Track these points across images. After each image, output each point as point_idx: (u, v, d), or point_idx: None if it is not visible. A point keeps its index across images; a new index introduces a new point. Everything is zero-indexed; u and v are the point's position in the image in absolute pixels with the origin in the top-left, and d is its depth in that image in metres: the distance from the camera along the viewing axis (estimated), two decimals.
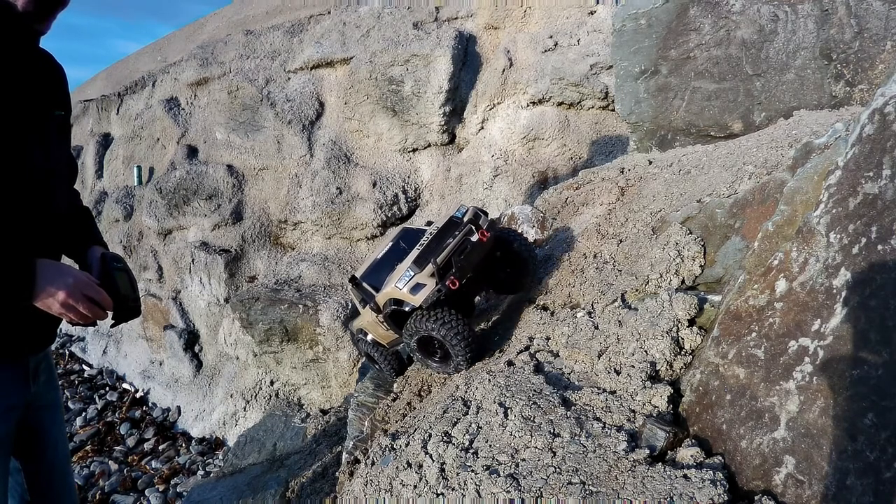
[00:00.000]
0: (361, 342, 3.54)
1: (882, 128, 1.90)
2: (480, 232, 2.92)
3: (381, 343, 3.37)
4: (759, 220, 2.48)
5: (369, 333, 3.40)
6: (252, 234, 8.33)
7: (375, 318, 3.03)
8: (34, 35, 1.75)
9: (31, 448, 1.98)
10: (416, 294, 2.75)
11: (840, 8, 3.36)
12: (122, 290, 1.89)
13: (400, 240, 3.16)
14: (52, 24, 1.77)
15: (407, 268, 2.79)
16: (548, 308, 3.23)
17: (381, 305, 2.92)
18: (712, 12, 3.84)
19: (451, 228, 2.95)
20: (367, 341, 3.47)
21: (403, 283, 2.77)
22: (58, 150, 1.87)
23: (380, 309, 2.94)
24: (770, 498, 1.73)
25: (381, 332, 3.21)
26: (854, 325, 1.72)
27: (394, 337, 3.18)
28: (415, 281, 2.77)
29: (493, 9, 7.16)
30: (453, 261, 2.82)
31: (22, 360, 1.85)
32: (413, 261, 2.79)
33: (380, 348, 3.42)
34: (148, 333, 9.70)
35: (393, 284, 2.81)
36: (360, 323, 3.45)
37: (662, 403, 2.15)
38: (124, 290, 1.90)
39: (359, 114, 7.74)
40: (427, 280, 2.76)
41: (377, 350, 3.43)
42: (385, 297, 2.88)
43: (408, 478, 2.14)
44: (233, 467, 5.62)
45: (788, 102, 3.60)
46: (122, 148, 10.94)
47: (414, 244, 3.06)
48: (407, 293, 2.76)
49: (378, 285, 2.98)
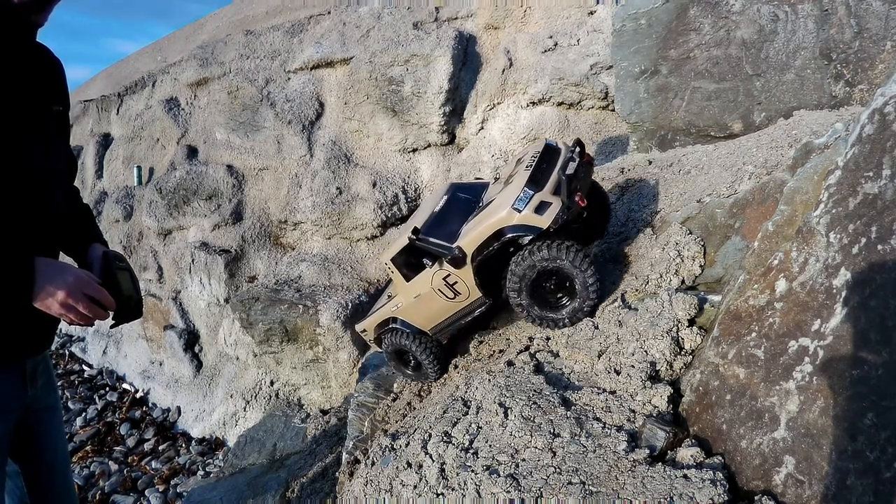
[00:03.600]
0: (390, 337, 3.15)
1: (882, 128, 1.89)
2: (586, 155, 2.71)
3: (424, 330, 3.01)
4: (759, 220, 2.48)
5: (406, 319, 3.02)
6: (252, 234, 8.33)
7: (441, 281, 2.69)
8: (31, 28, 1.71)
9: (30, 450, 1.96)
10: (542, 214, 2.42)
11: (840, 8, 3.36)
12: (124, 289, 1.83)
13: (456, 192, 2.91)
14: (48, 15, 1.72)
15: (522, 189, 2.47)
16: None
17: (469, 252, 2.57)
18: (712, 12, 3.84)
19: (552, 154, 2.71)
20: (401, 332, 3.06)
21: (523, 204, 2.44)
22: (57, 147, 1.83)
23: (463, 259, 2.58)
24: (770, 498, 1.73)
25: (435, 306, 2.84)
26: (854, 325, 1.72)
27: (458, 308, 2.79)
28: (538, 200, 2.45)
29: (493, 9, 7.16)
30: (573, 181, 2.51)
31: (19, 363, 1.82)
32: (526, 183, 2.50)
33: (420, 338, 3.04)
34: (148, 333, 9.70)
35: (504, 211, 2.44)
36: (390, 310, 3.06)
37: (662, 403, 2.15)
38: (126, 290, 1.84)
39: (359, 114, 7.74)
40: (551, 199, 2.47)
41: (416, 341, 3.04)
42: (478, 237, 2.50)
43: (408, 478, 2.14)
44: (233, 467, 5.62)
45: (788, 102, 3.60)
46: (122, 148, 10.94)
47: (474, 195, 2.81)
48: (531, 214, 2.42)
49: (451, 236, 2.65)
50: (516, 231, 2.47)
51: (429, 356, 3.09)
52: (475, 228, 2.58)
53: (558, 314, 2.61)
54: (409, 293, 2.94)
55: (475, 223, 2.61)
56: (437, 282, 2.75)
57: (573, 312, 2.59)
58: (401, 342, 3.12)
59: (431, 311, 2.91)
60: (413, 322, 3.04)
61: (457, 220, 2.74)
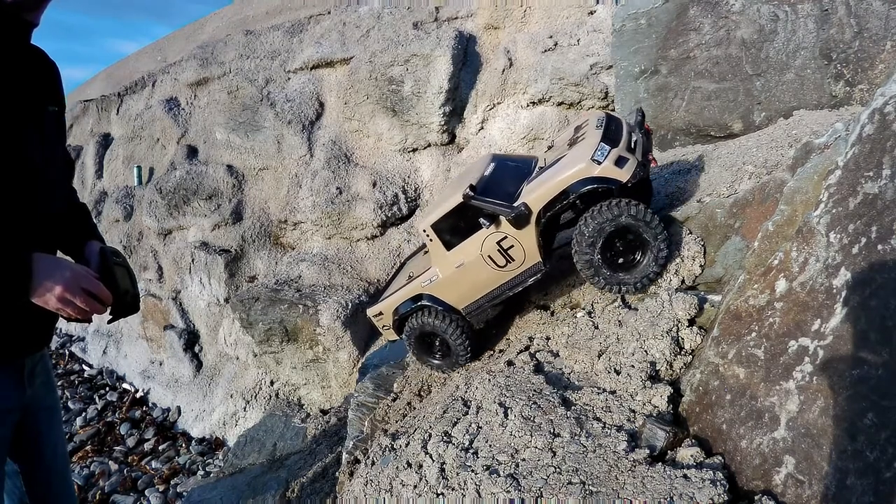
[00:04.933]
0: (416, 318, 2.95)
1: (882, 128, 1.89)
2: (646, 125, 2.74)
3: (456, 308, 2.85)
4: (759, 220, 2.48)
5: (439, 296, 2.83)
6: (252, 234, 8.33)
7: (493, 245, 2.58)
8: (25, 27, 1.70)
9: (29, 451, 1.96)
10: (622, 168, 2.42)
11: (840, 8, 3.36)
12: (121, 284, 1.84)
13: (502, 160, 2.82)
14: (41, 15, 1.71)
15: (598, 144, 2.47)
16: (548, 308, 3.23)
17: (536, 209, 2.49)
18: (712, 12, 3.84)
19: (615, 121, 2.70)
20: (432, 310, 2.86)
21: (603, 156, 2.43)
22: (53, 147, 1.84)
23: (528, 217, 2.50)
24: (770, 498, 1.73)
25: (481, 277, 2.70)
26: (854, 325, 1.72)
27: (508, 278, 2.65)
28: (616, 154, 2.45)
29: (493, 9, 7.16)
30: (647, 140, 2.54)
31: (17, 362, 1.82)
32: (601, 139, 2.50)
33: (452, 317, 2.87)
34: (148, 333, 9.70)
35: (582, 163, 2.41)
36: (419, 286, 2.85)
37: (662, 403, 2.15)
38: (123, 285, 1.85)
39: (359, 114, 7.74)
40: (627, 154, 2.48)
41: (448, 320, 2.87)
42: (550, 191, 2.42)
43: (408, 478, 2.14)
44: (233, 467, 5.62)
45: (788, 102, 3.60)
46: (122, 148, 10.94)
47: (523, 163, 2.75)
48: (611, 166, 2.41)
49: (509, 197, 2.56)
50: (596, 183, 2.42)
51: (461, 337, 2.90)
52: (545, 184, 2.50)
53: (629, 276, 2.54)
54: (450, 263, 2.76)
55: (544, 179, 2.53)
56: (489, 247, 2.62)
57: (641, 275, 2.53)
58: (431, 323, 2.91)
59: (475, 283, 2.75)
60: (446, 299, 2.86)
61: (512, 183, 2.65)
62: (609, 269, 2.55)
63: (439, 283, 2.82)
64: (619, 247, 2.52)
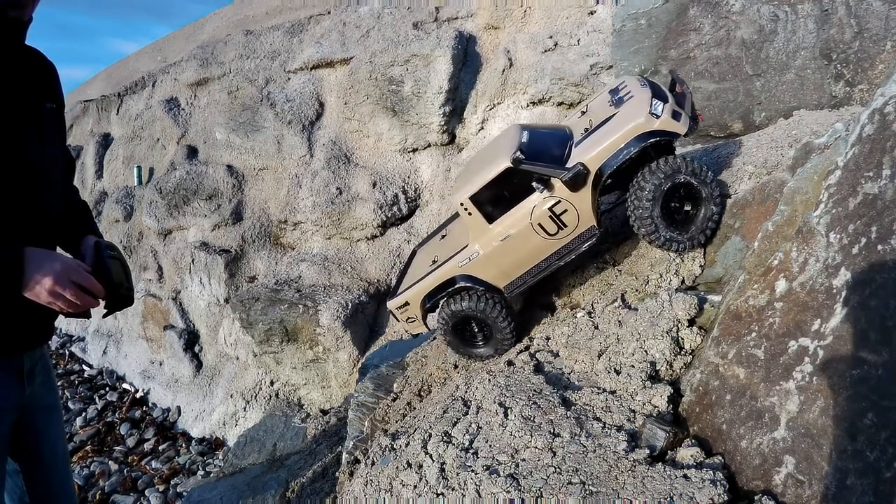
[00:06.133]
0: (453, 303, 2.75)
1: (882, 128, 1.90)
2: (678, 88, 2.73)
3: (497, 287, 2.69)
4: (759, 220, 2.48)
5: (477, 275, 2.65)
6: (252, 234, 8.33)
7: (545, 212, 2.47)
8: (16, 25, 1.69)
9: (28, 450, 1.96)
10: (678, 120, 2.43)
11: (840, 8, 3.36)
12: (115, 277, 1.83)
13: (532, 128, 2.74)
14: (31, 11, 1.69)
15: (651, 99, 2.45)
16: (548, 308, 3.23)
17: (594, 168, 2.41)
18: (712, 12, 3.84)
19: (653, 82, 2.70)
20: (472, 292, 2.67)
21: (659, 109, 2.42)
22: (52, 145, 1.84)
23: (586, 177, 2.41)
24: (770, 498, 1.73)
25: (530, 247, 2.55)
26: (854, 325, 1.72)
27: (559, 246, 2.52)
28: (671, 108, 2.44)
29: (493, 9, 7.16)
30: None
31: (15, 360, 1.82)
32: (652, 95, 2.48)
33: (495, 297, 2.71)
34: (148, 333, 9.70)
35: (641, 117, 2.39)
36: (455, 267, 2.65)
37: (662, 403, 2.15)
38: (117, 278, 1.85)
39: (359, 114, 7.74)
40: (679, 109, 2.49)
41: (491, 302, 2.70)
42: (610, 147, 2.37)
43: (408, 478, 2.14)
44: (233, 467, 5.62)
45: (788, 102, 3.60)
46: (122, 148, 10.94)
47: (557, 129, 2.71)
48: (669, 119, 2.40)
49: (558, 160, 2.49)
50: (656, 137, 2.40)
51: (506, 319, 2.73)
52: (601, 141, 2.44)
53: (684, 234, 2.51)
54: (493, 237, 2.60)
55: (599, 137, 2.47)
56: (540, 213, 2.50)
57: (698, 232, 2.51)
58: (474, 306, 2.72)
59: (522, 256, 2.61)
60: (486, 278, 2.68)
61: (555, 147, 2.57)
62: (667, 227, 2.51)
63: (479, 261, 2.64)
64: (675, 205, 2.50)
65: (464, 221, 2.72)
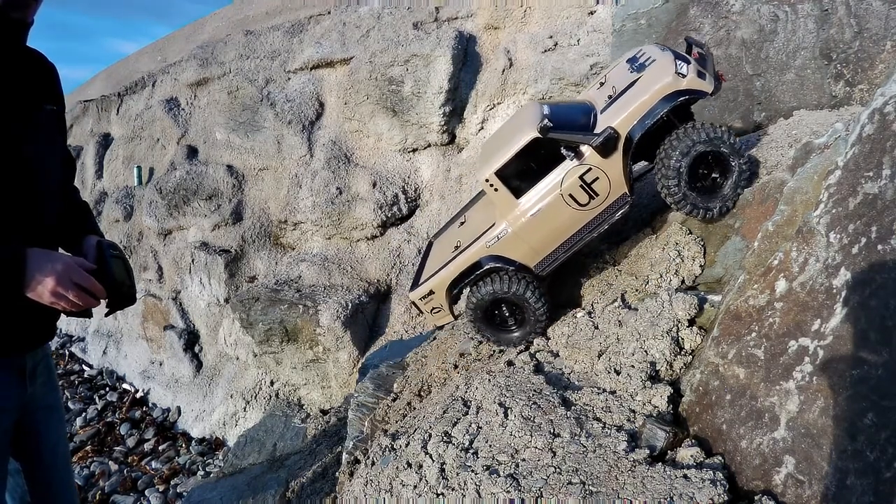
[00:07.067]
0: (484, 287, 2.64)
1: (882, 128, 1.90)
2: (694, 52, 2.72)
3: (528, 266, 2.59)
4: (759, 220, 2.48)
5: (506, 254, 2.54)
6: (252, 234, 8.33)
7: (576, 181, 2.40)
8: (17, 26, 1.70)
9: (29, 449, 1.96)
10: (704, 79, 2.43)
11: (840, 8, 3.36)
12: (117, 276, 1.84)
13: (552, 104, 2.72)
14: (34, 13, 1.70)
15: (675, 60, 2.45)
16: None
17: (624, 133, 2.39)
18: (712, 12, 3.84)
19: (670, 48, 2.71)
20: (503, 274, 2.58)
21: (685, 68, 2.42)
22: (52, 146, 1.84)
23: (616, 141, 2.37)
24: (770, 498, 1.73)
25: (561, 219, 2.47)
26: (854, 325, 1.72)
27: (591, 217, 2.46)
28: (695, 67, 2.44)
29: (493, 9, 7.16)
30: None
31: (17, 360, 1.82)
32: (675, 56, 2.48)
33: (527, 277, 2.60)
34: (148, 333, 9.69)
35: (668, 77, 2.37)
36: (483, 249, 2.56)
37: (662, 403, 2.15)
38: (119, 277, 1.86)
39: (359, 114, 7.74)
40: (702, 69, 2.49)
41: (524, 282, 2.59)
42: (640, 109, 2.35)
43: (408, 478, 2.14)
44: (233, 467, 5.62)
45: (788, 102, 3.60)
46: (122, 148, 10.93)
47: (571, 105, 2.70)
48: (696, 78, 2.40)
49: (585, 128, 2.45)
50: (685, 96, 2.40)
51: (540, 299, 2.63)
52: (629, 104, 2.41)
53: (713, 200, 2.50)
54: (522, 212, 2.52)
55: (627, 101, 2.44)
56: (570, 184, 2.43)
57: (726, 199, 2.50)
58: (506, 288, 2.61)
59: (554, 230, 2.53)
60: (515, 257, 2.58)
61: (579, 117, 2.54)
62: (695, 194, 2.51)
63: (508, 239, 2.55)
64: (702, 171, 2.49)
65: (490, 199, 2.65)
